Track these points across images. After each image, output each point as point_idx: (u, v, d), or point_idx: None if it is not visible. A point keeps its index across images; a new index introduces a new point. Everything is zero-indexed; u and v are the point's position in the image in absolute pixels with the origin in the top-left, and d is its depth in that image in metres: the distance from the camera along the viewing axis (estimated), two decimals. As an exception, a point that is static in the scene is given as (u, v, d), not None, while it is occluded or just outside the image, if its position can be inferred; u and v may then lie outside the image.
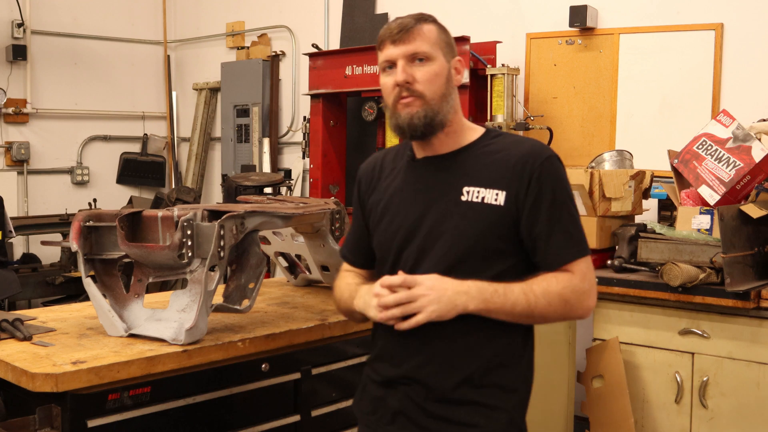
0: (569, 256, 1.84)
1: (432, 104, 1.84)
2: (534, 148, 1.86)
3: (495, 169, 1.85)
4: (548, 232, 1.83)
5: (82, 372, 1.83)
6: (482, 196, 1.84)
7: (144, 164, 7.05)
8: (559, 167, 1.87)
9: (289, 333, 2.25)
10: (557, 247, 1.83)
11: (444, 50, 1.89)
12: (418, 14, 1.91)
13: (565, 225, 1.84)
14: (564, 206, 1.84)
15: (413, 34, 1.85)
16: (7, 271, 5.07)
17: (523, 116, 4.54)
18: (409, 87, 1.84)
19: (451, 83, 1.90)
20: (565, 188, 1.86)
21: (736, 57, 4.15)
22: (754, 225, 3.14)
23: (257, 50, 6.39)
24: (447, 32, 1.92)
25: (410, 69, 1.84)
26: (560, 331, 3.46)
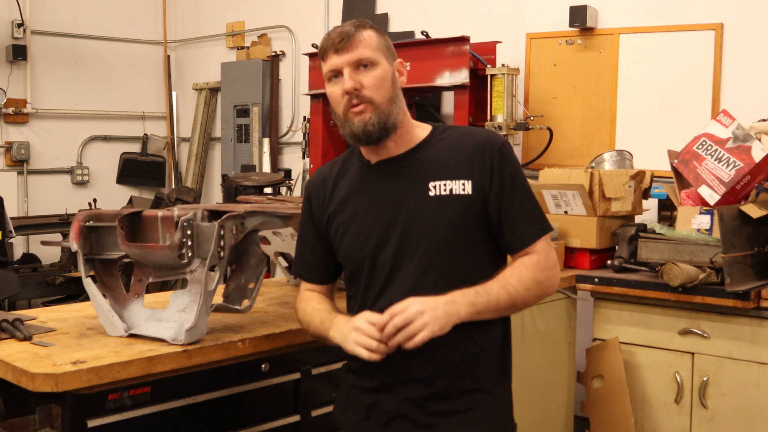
0: (533, 236, 1.92)
1: (382, 108, 1.88)
2: (488, 137, 1.96)
3: (455, 161, 1.91)
4: (513, 216, 1.91)
5: (82, 372, 1.83)
6: (450, 188, 1.89)
7: (144, 164, 7.05)
8: (513, 153, 1.99)
9: (289, 333, 2.25)
10: (522, 230, 1.91)
11: (386, 54, 1.94)
12: (356, 21, 1.96)
13: (527, 207, 1.93)
14: (523, 189, 1.94)
15: (355, 42, 1.89)
16: (7, 271, 5.07)
17: (523, 116, 4.54)
18: (358, 93, 1.87)
19: (397, 85, 1.95)
20: (521, 172, 1.96)
21: (736, 57, 4.15)
22: (754, 225, 3.14)
23: (257, 50, 6.39)
24: (385, 36, 1.98)
25: (357, 76, 1.88)
26: (560, 331, 3.46)
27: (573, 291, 3.44)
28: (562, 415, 3.52)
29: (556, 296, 3.37)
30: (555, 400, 3.48)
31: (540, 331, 3.33)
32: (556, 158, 4.66)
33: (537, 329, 3.31)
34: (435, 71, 4.54)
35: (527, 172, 4.56)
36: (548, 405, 3.45)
